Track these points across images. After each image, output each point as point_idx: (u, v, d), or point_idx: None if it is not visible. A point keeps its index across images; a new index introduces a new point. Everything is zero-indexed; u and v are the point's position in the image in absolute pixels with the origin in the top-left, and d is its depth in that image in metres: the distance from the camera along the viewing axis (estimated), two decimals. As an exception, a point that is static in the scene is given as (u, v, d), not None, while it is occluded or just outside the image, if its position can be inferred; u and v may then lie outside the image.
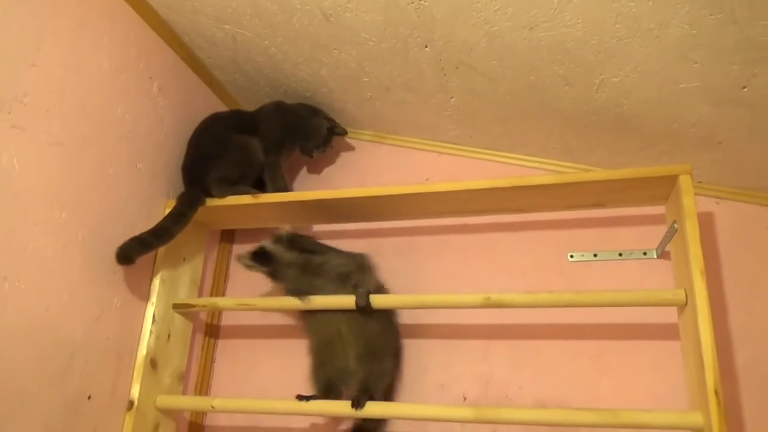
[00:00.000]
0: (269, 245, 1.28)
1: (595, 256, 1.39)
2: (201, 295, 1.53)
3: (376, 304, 1.24)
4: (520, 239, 1.45)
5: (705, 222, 1.35)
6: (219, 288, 1.59)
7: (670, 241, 1.23)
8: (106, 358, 1.22)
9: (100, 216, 1.21)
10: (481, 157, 1.54)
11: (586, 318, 1.33)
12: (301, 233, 1.35)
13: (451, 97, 1.37)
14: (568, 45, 1.08)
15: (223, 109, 1.61)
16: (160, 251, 1.37)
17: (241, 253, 1.30)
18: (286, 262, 1.27)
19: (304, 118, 1.52)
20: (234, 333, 1.57)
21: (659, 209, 1.29)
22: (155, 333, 1.32)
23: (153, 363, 1.31)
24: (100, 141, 1.22)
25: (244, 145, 1.43)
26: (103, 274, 1.22)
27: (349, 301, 1.22)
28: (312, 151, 1.53)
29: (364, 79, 1.40)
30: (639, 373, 1.27)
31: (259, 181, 1.49)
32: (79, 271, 1.15)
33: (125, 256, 1.20)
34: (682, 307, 1.13)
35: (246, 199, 1.39)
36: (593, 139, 1.35)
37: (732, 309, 1.28)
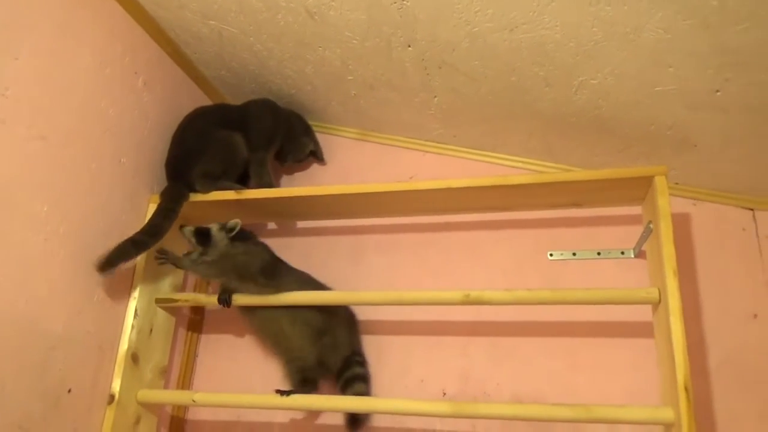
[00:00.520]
0: (215, 229, 1.31)
1: (574, 254, 1.41)
2: (184, 289, 1.53)
3: (354, 300, 1.27)
4: (502, 238, 1.47)
5: (682, 223, 1.38)
6: (202, 283, 1.59)
7: (646, 241, 1.25)
8: (86, 351, 1.22)
9: (83, 210, 1.21)
10: (465, 156, 1.56)
11: (563, 315, 1.36)
12: (249, 230, 1.37)
13: (435, 97, 1.38)
14: (547, 47, 1.10)
15: (209, 105, 1.62)
16: (143, 245, 1.37)
17: (187, 226, 1.33)
18: (219, 251, 1.30)
19: (295, 130, 1.56)
20: (217, 328, 1.58)
21: (636, 209, 1.31)
22: (137, 327, 1.33)
23: (134, 357, 1.31)
24: (84, 135, 1.22)
25: (227, 141, 1.44)
26: (85, 268, 1.22)
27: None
28: (287, 161, 1.59)
29: (349, 77, 1.41)
30: (615, 369, 1.30)
31: (244, 176, 1.50)
32: (61, 265, 1.16)
33: (111, 261, 1.20)
34: (656, 306, 1.16)
35: (230, 194, 1.39)
36: (573, 140, 1.37)
37: (706, 308, 1.31)
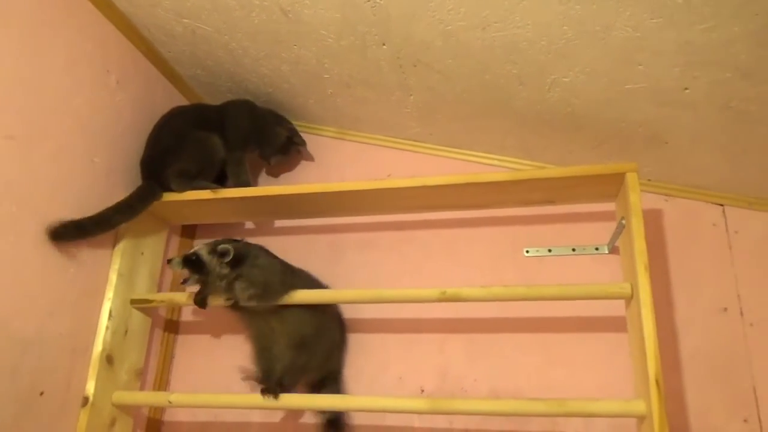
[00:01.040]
0: (204, 254, 1.24)
1: (549, 251, 1.43)
2: (160, 290, 1.52)
3: (337, 299, 1.27)
4: (479, 235, 1.48)
5: (654, 218, 1.40)
6: (179, 283, 1.58)
7: (619, 237, 1.27)
8: (59, 354, 1.20)
9: (55, 210, 1.20)
10: (442, 154, 1.57)
11: (540, 311, 1.37)
12: (244, 244, 1.32)
13: (411, 95, 1.39)
14: (520, 45, 1.11)
15: (184, 104, 1.61)
16: (118, 245, 1.36)
17: (174, 257, 1.27)
18: (216, 274, 1.24)
19: (269, 123, 1.54)
20: (194, 328, 1.57)
21: (610, 206, 1.33)
22: (111, 328, 1.31)
23: (109, 359, 1.30)
24: (55, 134, 1.20)
25: (203, 140, 1.43)
26: (58, 269, 1.20)
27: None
28: (270, 158, 1.57)
29: (325, 76, 1.41)
30: (590, 364, 1.32)
31: (221, 176, 1.49)
32: (32, 266, 1.14)
33: (57, 234, 1.18)
34: (628, 300, 1.17)
35: (206, 194, 1.38)
36: (547, 137, 1.38)
37: (678, 302, 1.33)
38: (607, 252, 1.39)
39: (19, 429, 1.10)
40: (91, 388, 1.25)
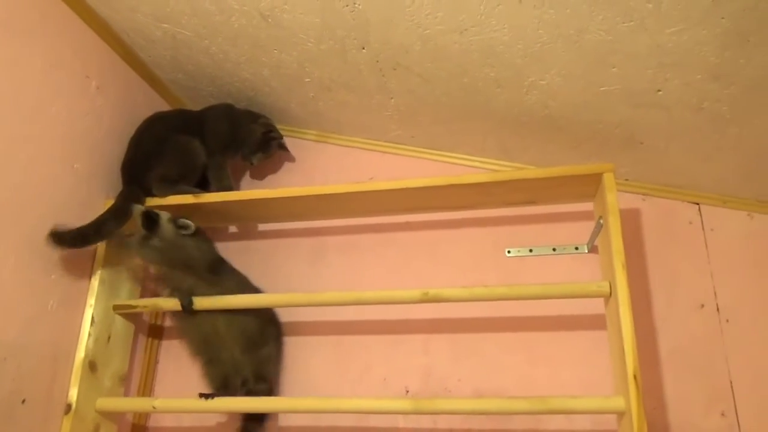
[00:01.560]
0: (165, 219, 1.30)
1: (531, 251, 1.45)
2: (143, 295, 1.51)
3: (315, 301, 1.28)
4: (461, 236, 1.49)
5: (632, 217, 1.43)
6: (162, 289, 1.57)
7: (598, 236, 1.29)
8: (41, 361, 1.20)
9: (35, 217, 1.19)
10: (423, 157, 1.58)
11: (521, 311, 1.39)
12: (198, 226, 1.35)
13: (391, 98, 1.40)
14: (497, 49, 1.13)
15: (165, 108, 1.60)
16: (99, 251, 1.35)
17: (140, 207, 1.31)
18: (167, 240, 1.29)
19: (244, 123, 1.53)
20: (178, 334, 1.56)
21: (588, 206, 1.35)
22: (94, 335, 1.30)
23: (92, 365, 1.29)
24: (34, 140, 1.20)
25: (185, 145, 1.43)
26: (38, 276, 1.20)
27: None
28: (250, 157, 1.55)
29: (306, 80, 1.42)
30: (571, 361, 1.33)
31: (204, 182, 1.49)
32: (12, 273, 1.13)
33: (61, 240, 1.21)
34: (607, 298, 1.19)
35: (188, 198, 1.38)
36: (526, 139, 1.40)
37: (656, 299, 1.35)
38: (586, 251, 1.41)
39: (0, 438, 1.09)
40: (74, 395, 1.24)
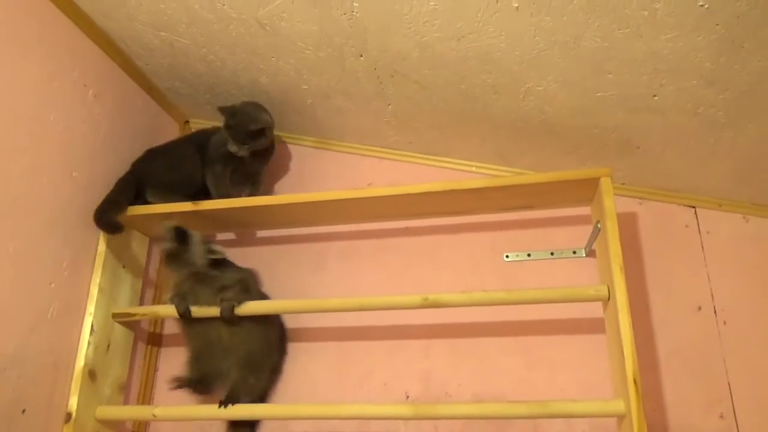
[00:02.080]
0: (196, 235, 1.31)
1: (529, 255, 1.45)
2: (142, 303, 1.51)
3: (315, 307, 1.28)
4: (459, 241, 1.50)
5: (629, 221, 1.44)
6: (161, 296, 1.58)
7: (595, 240, 1.30)
8: (41, 370, 1.19)
9: (34, 225, 1.19)
10: (421, 162, 1.59)
11: (520, 315, 1.39)
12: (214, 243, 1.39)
13: (389, 104, 1.41)
14: (494, 55, 1.14)
15: (164, 116, 1.61)
16: (99, 259, 1.35)
17: (169, 222, 1.30)
18: (195, 259, 1.29)
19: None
20: (177, 341, 1.56)
21: (586, 210, 1.36)
22: (93, 343, 1.30)
23: (92, 374, 1.29)
24: (32, 149, 1.20)
25: (177, 152, 1.47)
26: (38, 285, 1.20)
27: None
28: (240, 148, 1.41)
29: (304, 87, 1.42)
30: (570, 365, 1.34)
31: (202, 194, 1.49)
32: (11, 283, 1.13)
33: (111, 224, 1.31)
34: (605, 302, 1.20)
35: (187, 205, 1.38)
36: (523, 144, 1.41)
37: (654, 302, 1.36)
38: (584, 255, 1.42)
39: (0, 448, 1.09)
40: (73, 403, 1.24)
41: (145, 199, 1.40)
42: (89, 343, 1.29)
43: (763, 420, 1.24)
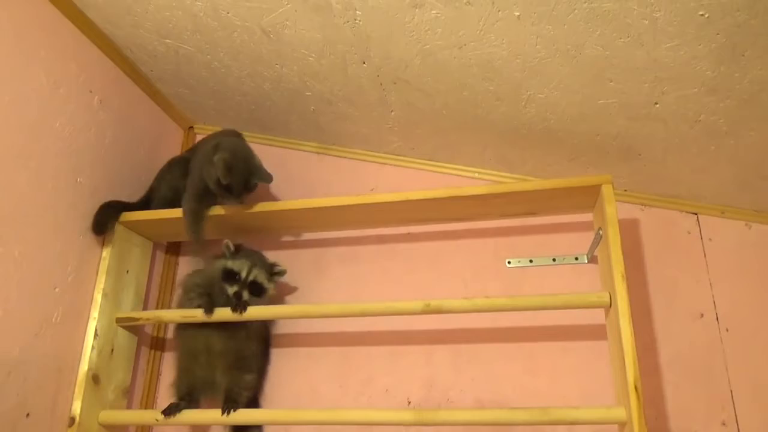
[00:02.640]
0: (264, 281, 1.36)
1: (531, 262, 1.46)
2: (146, 307, 1.52)
3: (317, 313, 1.29)
4: (462, 247, 1.50)
5: (631, 228, 1.44)
6: (165, 300, 1.59)
7: (597, 247, 1.30)
8: (45, 374, 1.20)
9: (39, 230, 1.20)
10: (423, 168, 1.59)
11: (522, 321, 1.40)
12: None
13: (391, 111, 1.42)
14: (495, 63, 1.14)
15: (168, 122, 1.63)
16: (103, 264, 1.36)
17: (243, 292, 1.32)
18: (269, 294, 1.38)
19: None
20: (174, 345, 1.57)
21: (588, 216, 1.36)
22: (97, 348, 1.31)
23: (95, 378, 1.30)
24: (38, 155, 1.21)
25: (168, 166, 1.50)
26: (43, 290, 1.21)
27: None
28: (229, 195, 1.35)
29: (307, 93, 1.43)
30: (572, 372, 1.34)
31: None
32: (17, 287, 1.14)
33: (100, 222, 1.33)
34: (607, 309, 1.20)
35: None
36: (526, 151, 1.42)
37: (656, 308, 1.36)
38: (586, 261, 1.42)
39: (4, 452, 1.10)
40: (77, 408, 1.25)
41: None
42: (93, 347, 1.30)
43: (765, 428, 1.23)
